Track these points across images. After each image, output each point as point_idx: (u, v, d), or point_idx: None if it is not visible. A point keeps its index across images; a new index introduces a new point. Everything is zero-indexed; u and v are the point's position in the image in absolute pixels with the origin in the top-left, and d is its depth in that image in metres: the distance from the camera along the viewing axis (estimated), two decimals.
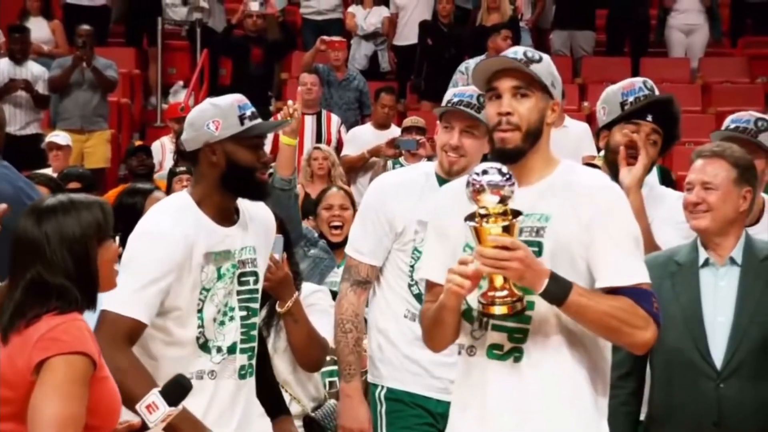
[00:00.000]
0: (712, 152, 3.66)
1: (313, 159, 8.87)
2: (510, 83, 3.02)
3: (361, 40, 12.06)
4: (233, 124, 3.47)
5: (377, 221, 4.00)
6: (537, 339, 3.02)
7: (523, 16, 12.37)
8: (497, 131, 3.05)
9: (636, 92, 3.98)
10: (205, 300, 3.44)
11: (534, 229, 3.00)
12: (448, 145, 3.94)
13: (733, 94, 11.97)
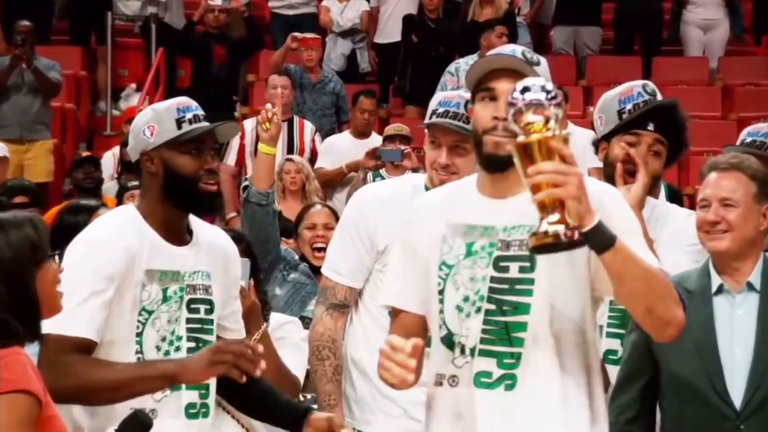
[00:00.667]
0: (729, 164, 3.66)
1: (285, 172, 8.88)
2: (510, 86, 3.02)
3: (337, 38, 12.09)
4: (169, 128, 3.50)
5: (357, 238, 4.02)
6: (531, 363, 3.04)
7: (520, 10, 12.42)
8: (491, 135, 3.10)
9: (635, 98, 3.95)
10: (145, 323, 3.44)
11: (524, 242, 3.02)
12: (437, 163, 3.97)
13: (756, 98, 12.04)
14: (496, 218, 3.11)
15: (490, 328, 3.08)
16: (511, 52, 3.15)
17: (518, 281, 3.08)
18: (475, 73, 3.16)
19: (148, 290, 3.43)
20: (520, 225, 3.06)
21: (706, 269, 3.68)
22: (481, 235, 3.11)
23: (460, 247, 3.13)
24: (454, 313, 3.11)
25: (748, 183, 3.63)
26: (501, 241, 3.09)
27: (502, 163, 3.08)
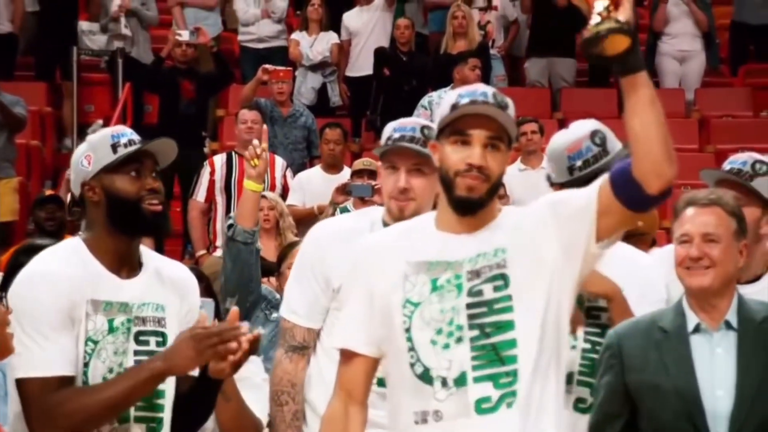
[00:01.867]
0: (709, 200, 3.65)
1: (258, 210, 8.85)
2: (485, 133, 3.15)
3: (307, 71, 12.10)
4: (105, 155, 3.53)
5: (312, 278, 4.01)
6: (527, 376, 3.13)
7: (494, 43, 12.48)
8: (463, 176, 3.16)
9: (584, 154, 3.93)
10: (92, 354, 3.43)
11: (493, 265, 3.15)
12: (395, 189, 3.94)
13: (734, 130, 12.11)
14: (461, 253, 3.18)
15: (479, 353, 3.14)
16: (483, 97, 3.19)
17: (496, 301, 3.16)
18: (450, 117, 3.19)
19: (93, 320, 3.43)
20: (485, 252, 3.17)
21: (680, 308, 3.66)
22: (446, 269, 3.18)
23: (424, 283, 3.18)
24: (428, 348, 3.15)
25: (728, 219, 3.63)
26: (468, 272, 3.17)
27: (474, 205, 3.16)
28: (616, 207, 3.10)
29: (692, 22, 12.53)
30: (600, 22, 2.93)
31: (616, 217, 3.12)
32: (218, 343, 3.31)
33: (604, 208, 3.11)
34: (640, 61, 3.03)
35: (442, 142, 3.21)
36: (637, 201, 3.09)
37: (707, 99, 12.65)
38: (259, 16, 12.46)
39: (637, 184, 3.06)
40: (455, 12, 11.71)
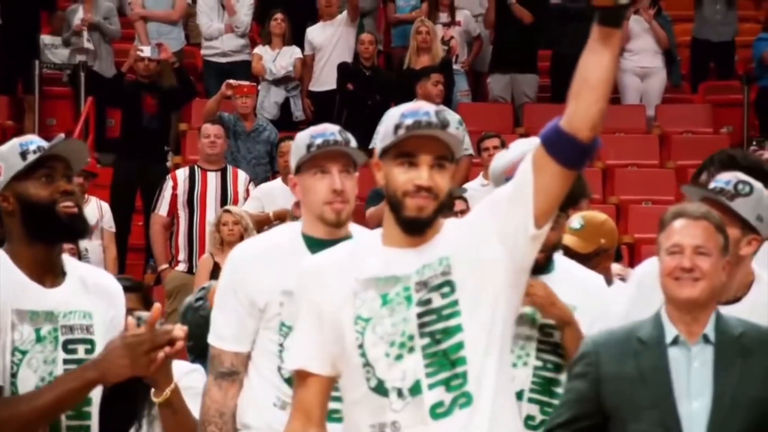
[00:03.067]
0: (700, 214, 3.67)
1: (223, 224, 8.85)
2: (431, 154, 3.20)
3: (270, 86, 12.11)
4: (15, 163, 3.51)
5: (236, 300, 3.94)
6: (478, 375, 3.19)
7: (458, 58, 12.54)
8: (412, 197, 3.20)
9: None
10: (20, 364, 3.43)
11: (438, 273, 3.22)
12: (330, 194, 3.91)
13: (694, 146, 12.17)
14: (409, 267, 3.24)
15: (431, 360, 3.20)
16: (427, 117, 3.21)
17: (444, 307, 3.21)
18: (396, 139, 3.21)
19: (20, 330, 3.42)
20: (430, 263, 3.23)
21: (658, 319, 3.67)
22: (395, 284, 3.23)
23: (374, 298, 3.23)
24: (383, 361, 3.20)
25: (716, 234, 3.66)
26: (416, 283, 3.23)
27: (423, 224, 3.22)
28: (551, 168, 3.14)
29: (653, 39, 12.62)
30: None
31: (552, 180, 3.15)
32: (151, 349, 3.30)
33: (540, 174, 3.15)
34: (623, 19, 3.15)
35: (387, 162, 3.24)
36: (572, 154, 3.14)
37: (668, 115, 12.73)
38: (222, 30, 12.46)
39: (570, 136, 3.12)
40: (419, 27, 11.75)
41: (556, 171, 3.14)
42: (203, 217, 9.75)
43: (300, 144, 3.97)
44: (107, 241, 10.28)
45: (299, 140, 3.99)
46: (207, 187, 9.84)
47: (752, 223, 3.99)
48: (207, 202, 9.79)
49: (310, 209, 3.95)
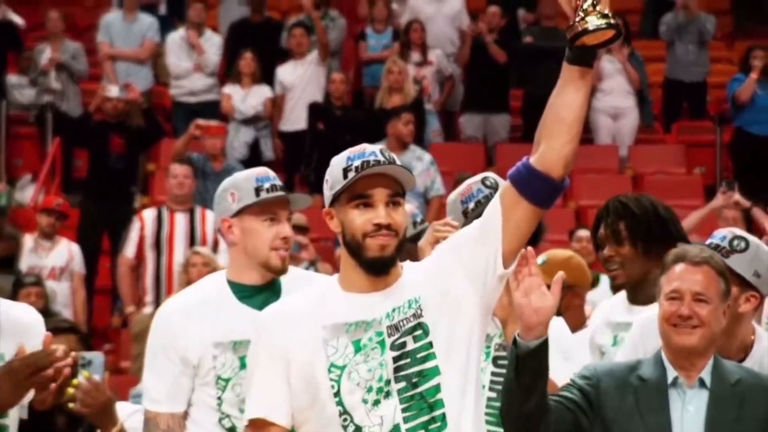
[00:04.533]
0: (701, 258, 3.66)
1: (192, 265, 8.77)
2: (385, 191, 3.21)
3: (239, 125, 12.07)
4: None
5: (167, 359, 3.83)
6: (455, 415, 3.19)
7: (430, 98, 12.53)
8: (373, 237, 3.19)
9: (475, 196, 4.02)
10: None
11: (410, 316, 3.21)
12: (279, 240, 3.84)
13: (667, 187, 12.17)
14: (377, 311, 3.22)
15: (409, 404, 3.19)
16: (374, 156, 3.22)
17: (418, 350, 3.21)
18: (348, 182, 3.20)
19: None
20: (400, 306, 3.22)
21: (659, 359, 3.68)
22: (365, 329, 3.21)
23: (347, 345, 3.20)
24: (360, 407, 3.17)
25: (717, 279, 3.65)
26: (388, 327, 3.21)
27: (388, 263, 3.22)
28: (522, 207, 3.16)
29: (626, 79, 12.64)
30: (596, 17, 3.06)
31: (523, 219, 3.17)
32: (35, 372, 3.25)
33: (509, 213, 3.17)
34: (595, 58, 3.18)
35: (341, 208, 3.23)
36: (544, 193, 3.16)
37: (641, 155, 12.75)
38: (191, 69, 12.42)
39: (542, 175, 3.14)
40: (391, 67, 11.74)
41: (526, 210, 3.16)
42: (171, 259, 9.66)
43: (245, 186, 3.88)
44: (77, 284, 10.21)
45: (242, 182, 3.90)
46: (175, 228, 9.76)
47: (749, 280, 3.95)
48: (175, 243, 9.71)
49: (251, 254, 3.85)
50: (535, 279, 3.24)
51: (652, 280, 4.02)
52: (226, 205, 3.88)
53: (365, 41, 13.13)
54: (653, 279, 4.02)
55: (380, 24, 13.13)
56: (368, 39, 13.12)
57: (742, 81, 12.18)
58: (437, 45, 12.88)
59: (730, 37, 15.05)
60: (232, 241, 3.87)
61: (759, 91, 12.11)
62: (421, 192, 10.50)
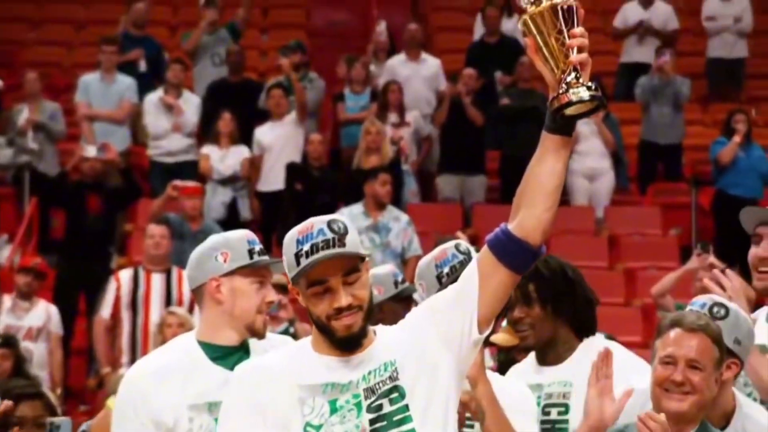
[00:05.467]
0: (697, 325, 3.67)
1: (167, 326, 8.71)
2: (340, 273, 3.20)
3: (217, 185, 12.07)
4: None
5: (140, 424, 3.77)
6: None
7: (407, 158, 12.57)
8: (337, 319, 3.19)
9: (450, 261, 4.02)
10: None
11: (386, 379, 3.22)
12: (263, 302, 3.86)
13: (643, 248, 12.21)
14: (353, 374, 3.24)
15: None
16: (322, 236, 3.19)
17: (395, 413, 3.20)
18: (299, 270, 3.20)
19: None
20: (375, 369, 3.23)
21: None
22: (342, 391, 3.22)
23: (323, 405, 3.21)
24: None
25: (712, 347, 3.65)
26: (364, 390, 3.22)
27: (357, 339, 3.22)
28: (500, 272, 3.18)
29: (601, 141, 12.71)
30: (580, 89, 3.09)
31: (500, 284, 3.19)
32: None
33: (486, 278, 3.18)
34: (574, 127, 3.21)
35: (301, 290, 3.24)
36: (523, 259, 3.18)
37: (617, 217, 12.78)
38: (169, 130, 12.43)
39: (522, 242, 3.16)
40: (368, 127, 11.77)
41: (504, 275, 3.18)
42: (147, 319, 9.61)
43: (238, 247, 3.88)
44: (54, 345, 10.15)
45: (235, 242, 3.90)
46: (151, 288, 9.72)
47: (730, 347, 3.92)
48: (151, 304, 9.66)
49: (237, 315, 3.84)
50: (609, 382, 3.37)
51: (561, 341, 4.09)
52: (216, 264, 3.86)
53: (343, 102, 13.18)
54: (561, 339, 4.10)
55: (358, 85, 13.18)
56: (346, 100, 13.17)
57: (724, 144, 12.25)
58: (414, 106, 12.94)
59: (705, 100, 15.17)
60: (218, 301, 3.84)
61: (740, 154, 12.19)
62: (398, 252, 10.50)
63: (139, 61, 13.45)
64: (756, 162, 12.25)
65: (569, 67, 3.08)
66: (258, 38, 16.27)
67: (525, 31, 3.12)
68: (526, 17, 3.10)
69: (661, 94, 13.16)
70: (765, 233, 4.34)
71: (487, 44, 13.95)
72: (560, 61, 3.09)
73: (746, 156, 12.21)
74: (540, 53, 3.11)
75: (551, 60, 3.10)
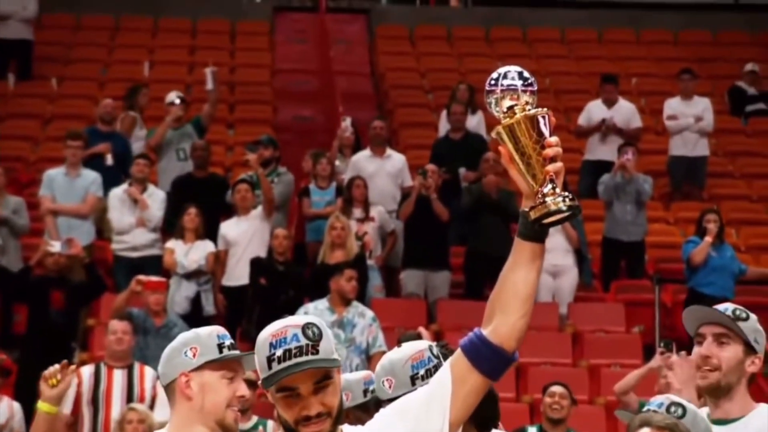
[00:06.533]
0: (665, 425, 3.69)
1: (127, 422, 8.64)
2: (311, 381, 3.15)
3: (181, 280, 12.01)
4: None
5: None
6: None
7: (371, 254, 12.56)
8: (305, 425, 3.16)
9: (426, 363, 3.99)
10: None
11: None
12: (234, 398, 3.88)
13: (607, 345, 12.21)
14: None
15: None
16: (296, 341, 3.16)
17: None
18: (271, 374, 3.17)
19: None
20: None
21: None
22: None
23: None
24: None
25: None
26: None
27: None
28: (473, 377, 3.16)
29: (565, 238, 12.75)
30: (557, 199, 3.11)
31: (472, 389, 3.17)
32: None
33: (460, 383, 3.16)
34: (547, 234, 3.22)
35: (272, 393, 3.20)
36: (497, 365, 3.17)
37: (580, 313, 12.78)
38: (133, 224, 12.39)
39: (497, 348, 3.15)
40: (334, 223, 11.78)
41: (477, 380, 3.16)
42: (108, 416, 9.50)
43: (208, 343, 3.89)
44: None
45: (205, 338, 3.91)
46: (112, 384, 9.62)
47: None
48: (112, 400, 9.55)
49: (207, 410, 3.84)
50: None
51: None
52: (186, 360, 3.86)
53: (309, 197, 13.20)
54: None
55: (324, 180, 13.21)
56: (312, 195, 13.19)
57: (696, 243, 12.30)
58: (379, 201, 12.97)
59: (668, 198, 15.28)
60: (188, 396, 3.83)
61: (712, 253, 12.25)
62: (363, 348, 10.45)
63: (107, 156, 13.45)
64: (728, 261, 12.32)
65: (546, 177, 3.09)
66: (224, 133, 16.33)
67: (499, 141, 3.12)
68: (501, 127, 3.10)
69: (623, 192, 13.24)
70: (707, 332, 4.34)
71: (452, 140, 14.04)
72: (537, 171, 3.10)
73: (718, 255, 12.27)
74: (515, 163, 3.11)
75: (528, 169, 3.10)
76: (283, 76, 18.15)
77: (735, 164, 16.12)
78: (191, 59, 18.12)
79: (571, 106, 16.39)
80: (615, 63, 18.01)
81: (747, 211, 15.18)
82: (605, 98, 14.97)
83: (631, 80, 17.50)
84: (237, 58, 18.37)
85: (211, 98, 14.37)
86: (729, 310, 4.35)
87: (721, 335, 4.31)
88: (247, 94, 17.36)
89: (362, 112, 15.77)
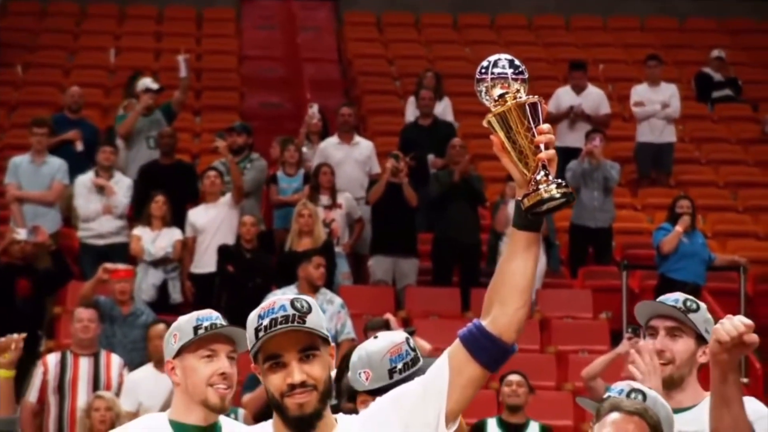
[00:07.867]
0: (635, 409, 3.69)
1: (94, 410, 8.62)
2: (295, 349, 3.14)
3: (148, 267, 11.96)
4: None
5: None
6: None
7: (339, 240, 12.54)
8: (290, 396, 3.14)
9: (404, 357, 4.01)
10: None
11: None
12: (217, 375, 3.94)
13: (574, 331, 12.23)
14: None
15: None
16: (283, 311, 3.16)
17: None
18: (257, 344, 3.16)
19: None
20: None
21: None
22: None
23: None
24: None
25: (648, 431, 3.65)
26: None
27: (311, 419, 3.15)
28: (471, 368, 3.14)
29: None
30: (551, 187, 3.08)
31: (470, 380, 3.15)
32: None
33: (457, 374, 3.14)
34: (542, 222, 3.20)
35: (260, 366, 3.20)
36: (496, 357, 3.15)
37: (548, 300, 12.79)
38: (99, 212, 12.32)
39: (497, 339, 3.13)
40: (301, 210, 11.73)
41: (474, 371, 3.15)
42: (74, 404, 9.47)
43: (185, 327, 3.98)
44: None
45: (184, 323, 4.00)
46: (78, 372, 9.58)
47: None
48: (78, 388, 9.52)
49: (191, 392, 3.92)
50: None
51: None
52: (171, 347, 4.00)
53: (276, 184, 13.15)
54: None
55: (291, 167, 13.17)
56: (279, 182, 13.15)
57: (668, 230, 12.33)
58: (347, 188, 12.93)
59: (635, 185, 15.32)
60: (175, 382, 3.96)
61: (684, 239, 12.28)
62: (331, 335, 10.40)
63: (76, 142, 13.37)
64: (699, 248, 12.36)
65: (539, 164, 3.07)
66: (191, 120, 16.26)
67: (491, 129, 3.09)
68: (491, 115, 3.08)
69: (591, 178, 13.26)
70: (659, 326, 4.37)
71: (421, 126, 14.02)
72: (530, 159, 3.07)
73: (689, 242, 12.30)
74: (506, 151, 3.09)
75: (520, 157, 3.08)
76: (250, 62, 18.09)
77: (701, 150, 16.18)
78: (158, 46, 18.03)
79: (540, 92, 16.29)
80: (583, 49, 18.03)
81: (714, 198, 15.23)
82: (574, 85, 14.98)
83: (599, 66, 17.52)
84: (204, 44, 18.30)
85: (182, 85, 14.29)
86: (680, 301, 4.38)
87: (674, 329, 4.35)
88: (214, 80, 17.29)
89: (330, 98, 15.73)
